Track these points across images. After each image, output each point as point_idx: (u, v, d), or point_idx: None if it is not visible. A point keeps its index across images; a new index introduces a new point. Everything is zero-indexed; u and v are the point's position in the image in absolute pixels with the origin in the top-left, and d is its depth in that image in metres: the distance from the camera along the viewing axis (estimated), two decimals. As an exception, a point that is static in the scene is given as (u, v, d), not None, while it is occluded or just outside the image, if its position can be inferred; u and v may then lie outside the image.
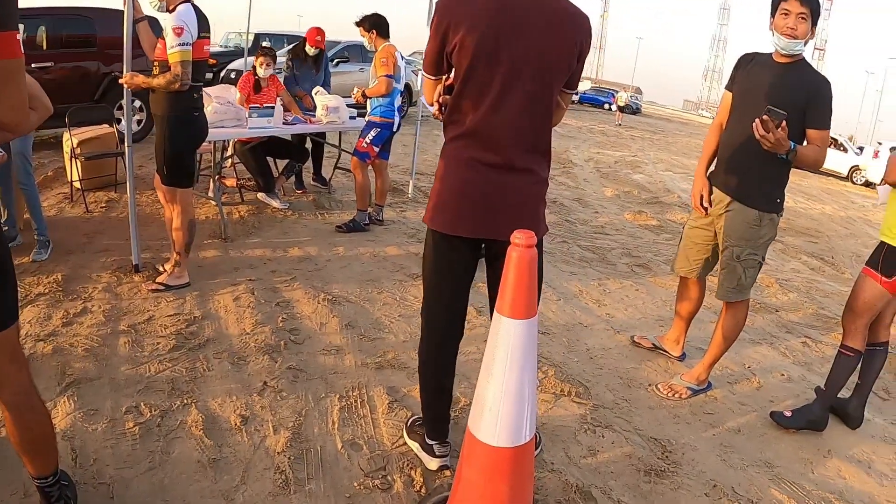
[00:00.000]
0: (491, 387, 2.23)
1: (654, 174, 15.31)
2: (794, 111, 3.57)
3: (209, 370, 3.70)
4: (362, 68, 15.70)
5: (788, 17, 3.66)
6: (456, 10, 2.55)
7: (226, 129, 6.11)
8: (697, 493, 3.30)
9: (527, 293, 2.20)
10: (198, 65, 4.42)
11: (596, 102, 52.28)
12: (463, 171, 2.69)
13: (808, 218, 13.58)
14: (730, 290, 4.05)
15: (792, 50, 3.69)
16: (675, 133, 36.49)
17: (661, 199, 11.88)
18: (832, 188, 22.75)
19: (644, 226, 9.30)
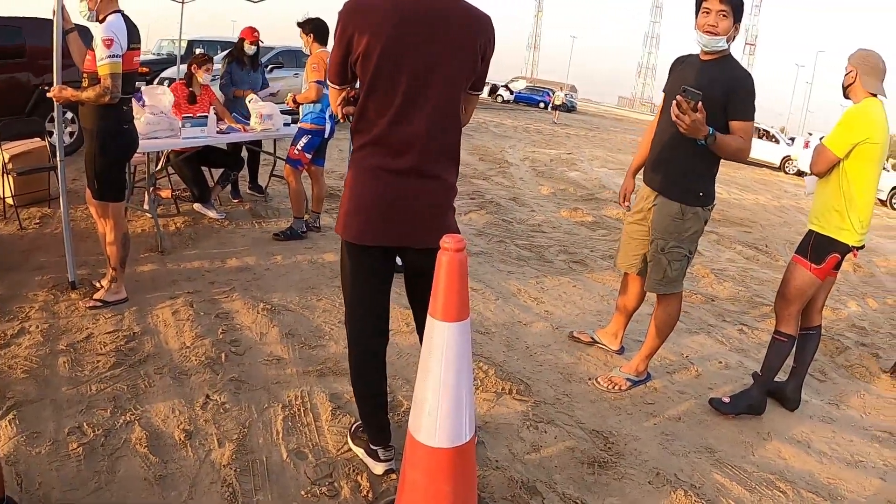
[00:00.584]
0: (428, 389, 2.29)
1: (590, 171, 15.54)
2: (716, 105, 3.70)
3: (151, 386, 3.67)
4: (296, 73, 15.64)
5: (709, 14, 3.78)
6: (359, 18, 2.58)
7: (159, 140, 6.04)
8: (641, 481, 3.40)
9: (458, 296, 2.26)
10: (128, 77, 4.35)
11: (531, 101, 52.64)
12: (371, 179, 2.71)
13: (741, 208, 13.92)
14: (657, 283, 4.16)
15: (714, 47, 3.81)
16: (611, 129, 36.99)
17: (596, 195, 12.10)
18: (765, 179, 23.34)
19: (580, 222, 9.46)
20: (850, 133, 3.97)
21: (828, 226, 4.11)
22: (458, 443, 2.32)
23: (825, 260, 4.13)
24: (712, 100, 3.68)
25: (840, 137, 4.00)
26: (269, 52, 15.61)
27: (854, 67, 4.10)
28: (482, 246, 7.32)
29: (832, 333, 6.32)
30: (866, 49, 4.17)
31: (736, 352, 5.44)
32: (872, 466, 4.02)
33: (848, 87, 4.15)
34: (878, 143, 3.96)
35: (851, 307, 7.69)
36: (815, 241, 4.17)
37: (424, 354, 2.34)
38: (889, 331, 7.00)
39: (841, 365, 5.64)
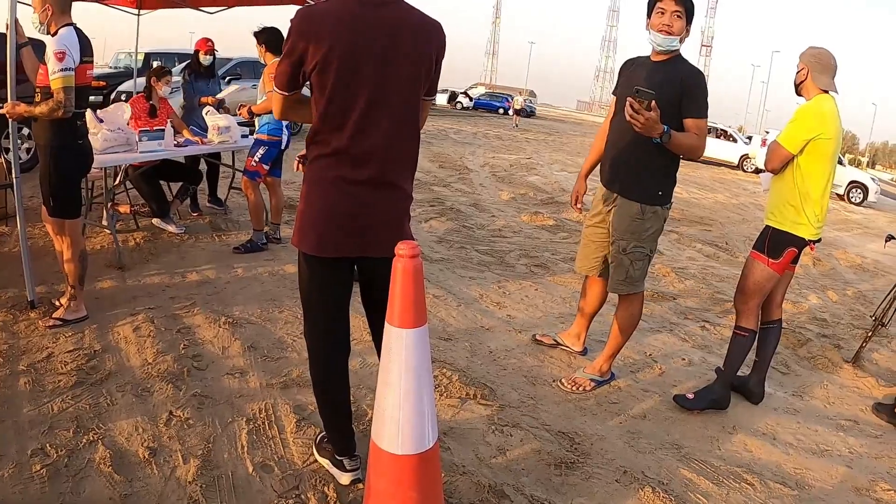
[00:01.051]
0: (389, 397, 2.29)
1: (550, 175, 15.63)
2: (670, 104, 3.75)
3: (113, 404, 3.61)
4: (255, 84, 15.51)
5: (664, 14, 3.84)
6: (313, 28, 2.56)
7: (117, 155, 5.96)
8: (609, 480, 3.42)
9: (414, 302, 2.28)
10: (81, 91, 4.28)
11: (490, 108, 52.93)
12: (329, 190, 2.70)
13: (701, 207, 14.10)
14: (620, 283, 4.19)
15: (669, 46, 3.88)
16: (570, 133, 37.28)
17: (556, 198, 12.19)
18: (724, 177, 23.69)
19: (541, 226, 9.51)
20: (803, 129, 4.04)
21: (784, 221, 4.18)
22: (422, 449, 2.32)
23: (782, 254, 4.20)
24: (666, 99, 3.72)
25: (793, 134, 4.07)
26: (227, 63, 15.50)
27: (805, 65, 4.18)
28: (443, 252, 7.32)
29: (794, 326, 6.42)
30: (817, 47, 4.25)
31: (699, 348, 5.49)
32: (838, 455, 4.09)
33: (800, 85, 4.23)
34: (830, 138, 4.04)
35: (812, 300, 7.82)
36: (772, 236, 4.23)
37: (384, 362, 2.34)
38: (850, 322, 7.13)
39: (803, 357, 5.73)
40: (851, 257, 11.41)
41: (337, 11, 2.58)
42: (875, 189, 24.06)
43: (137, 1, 9.46)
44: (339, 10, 2.58)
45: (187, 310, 4.93)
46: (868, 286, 9.40)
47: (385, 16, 2.60)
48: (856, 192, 23.49)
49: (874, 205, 24.42)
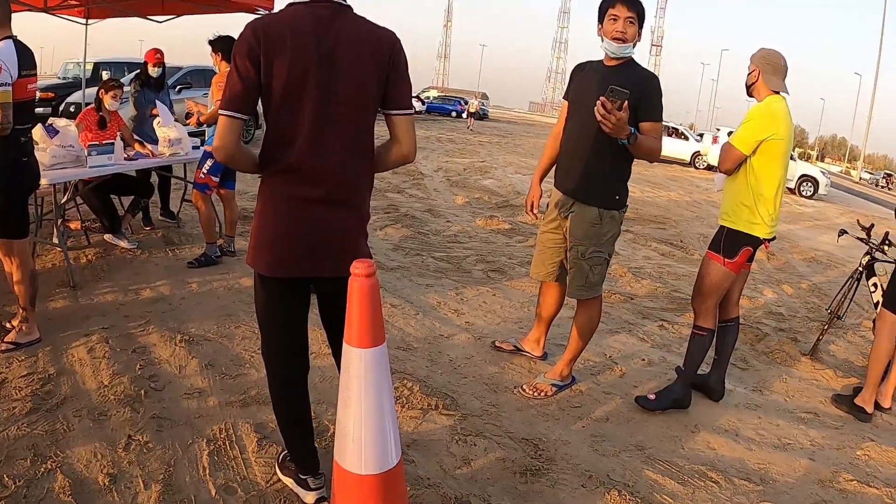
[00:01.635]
0: (350, 417, 2.27)
1: (504, 178, 15.67)
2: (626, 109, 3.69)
3: (70, 430, 3.50)
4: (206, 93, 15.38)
5: (617, 21, 3.86)
6: (261, 41, 2.48)
7: (66, 171, 5.81)
8: (574, 485, 3.42)
9: (371, 321, 2.25)
10: (23, 105, 4.12)
11: (443, 111, 52.93)
12: (283, 208, 2.63)
13: (655, 206, 14.23)
14: (579, 289, 4.20)
15: (622, 53, 3.91)
16: (523, 135, 37.46)
17: (511, 202, 12.22)
18: (677, 175, 23.98)
19: (497, 230, 9.51)
20: (755, 130, 4.10)
21: (739, 221, 4.24)
22: (386, 468, 2.30)
23: (738, 254, 4.25)
24: None
25: (746, 135, 4.12)
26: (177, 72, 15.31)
27: (756, 67, 4.24)
28: (399, 260, 7.27)
29: (751, 322, 6.50)
30: (767, 48, 4.31)
31: (658, 348, 5.54)
32: (800, 448, 4.17)
33: (751, 86, 4.29)
34: (782, 138, 4.10)
35: (768, 295, 7.93)
36: (727, 236, 4.28)
37: (343, 382, 2.32)
38: (805, 315, 7.24)
39: (762, 352, 5.82)
40: (804, 251, 11.61)
41: (285, 23, 2.52)
42: (825, 182, 24.51)
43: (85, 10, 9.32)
44: (288, 22, 2.52)
45: (142, 328, 4.82)
46: (822, 278, 9.57)
47: (333, 28, 2.54)
48: (806, 186, 23.91)
49: (825, 197, 24.90)
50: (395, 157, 2.77)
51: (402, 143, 2.73)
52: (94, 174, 6.08)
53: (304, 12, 2.55)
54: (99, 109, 6.81)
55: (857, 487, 3.82)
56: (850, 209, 23.27)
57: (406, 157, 2.75)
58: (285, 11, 2.58)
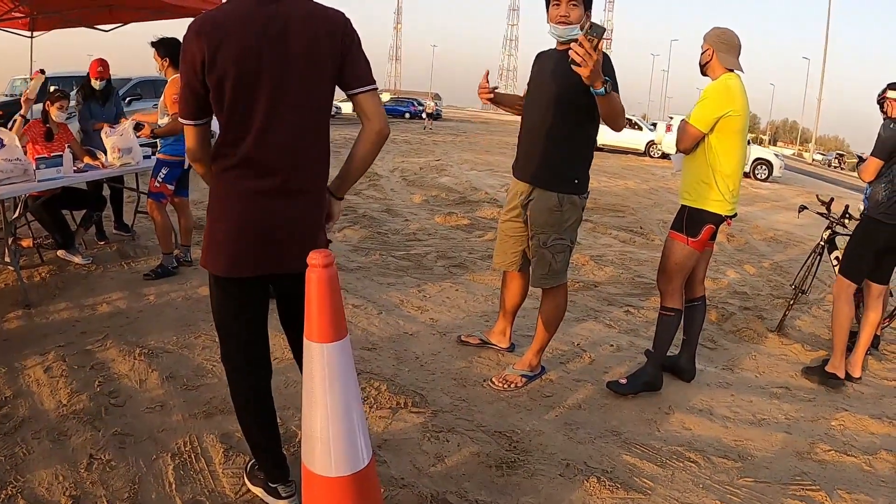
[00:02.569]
0: (316, 417, 2.18)
1: (460, 175, 15.67)
2: (577, 89, 3.69)
3: (30, 453, 3.35)
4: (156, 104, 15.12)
5: (560, 6, 3.83)
6: (205, 40, 2.38)
7: (14, 186, 5.61)
8: (552, 475, 3.38)
9: (332, 314, 2.16)
10: None
11: (396, 112, 53.32)
12: (237, 204, 2.52)
13: (612, 195, 14.34)
14: (543, 277, 4.17)
15: (568, 35, 3.84)
16: (477, 133, 37.54)
17: (468, 197, 12.23)
18: (632, 164, 24.27)
19: (455, 226, 9.50)
20: (712, 108, 4.09)
21: (699, 198, 4.23)
22: (357, 468, 2.22)
23: (700, 232, 4.25)
24: (575, 84, 3.66)
25: (703, 113, 4.12)
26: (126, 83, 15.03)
27: (710, 45, 4.23)
28: (359, 261, 7.18)
29: (716, 302, 6.54)
30: (721, 27, 4.30)
31: (625, 333, 5.55)
32: (775, 422, 4.19)
33: (705, 65, 4.28)
34: (739, 114, 4.11)
35: (731, 275, 8.00)
36: (689, 215, 4.28)
37: (306, 381, 2.22)
38: (769, 292, 7.32)
39: (729, 331, 5.87)
40: (763, 230, 11.77)
41: (227, 16, 2.42)
42: (779, 165, 24.96)
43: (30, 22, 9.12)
44: (230, 14, 2.42)
45: (100, 344, 4.68)
46: (782, 256, 9.69)
47: (279, 12, 2.42)
48: (761, 169, 24.34)
49: (779, 179, 25.30)
50: (370, 136, 2.60)
51: (373, 120, 2.58)
52: (44, 188, 5.89)
53: (246, 2, 2.43)
54: (46, 122, 6.65)
55: (835, 457, 3.84)
56: (805, 190, 23.68)
57: (380, 132, 2.59)
58: (224, 6, 2.47)
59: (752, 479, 3.53)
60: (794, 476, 3.60)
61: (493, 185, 13.91)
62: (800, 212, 6.38)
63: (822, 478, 3.62)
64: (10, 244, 5.81)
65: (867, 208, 4.97)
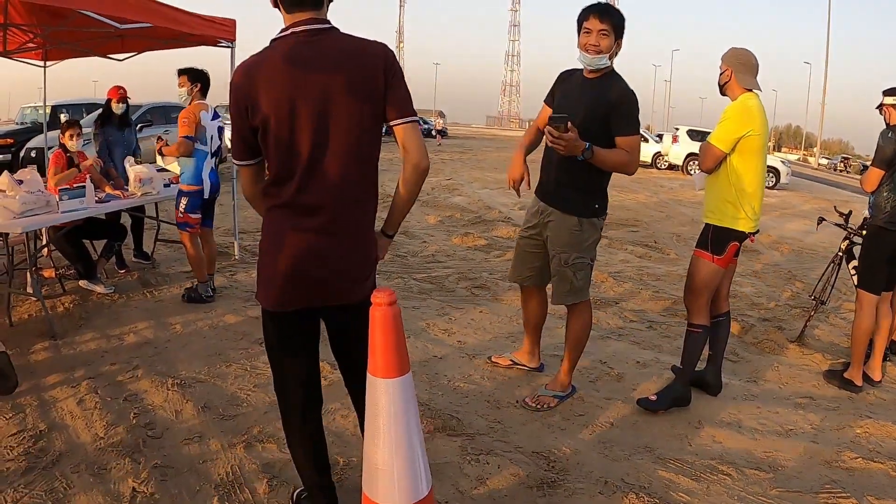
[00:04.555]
0: (380, 450, 2.23)
1: (472, 194, 15.71)
2: (597, 121, 3.86)
3: (71, 488, 3.35)
4: (167, 130, 15.22)
5: (591, 34, 3.90)
6: (248, 82, 2.46)
7: (39, 217, 5.69)
8: (592, 493, 3.43)
9: (396, 350, 2.22)
10: None
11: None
12: (286, 241, 2.56)
13: (624, 209, 14.38)
14: (565, 295, 4.23)
15: (597, 65, 3.94)
16: (484, 150, 37.60)
17: (483, 217, 12.27)
18: (640, 177, 24.24)
19: (473, 247, 9.55)
20: (733, 128, 4.16)
21: (724, 217, 4.29)
22: (419, 498, 2.27)
23: (725, 250, 4.31)
24: (596, 117, 3.85)
25: (725, 133, 4.18)
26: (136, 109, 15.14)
27: (728, 66, 4.30)
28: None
29: (735, 314, 6.54)
30: (738, 47, 4.37)
31: (650, 349, 5.59)
32: (802, 432, 4.25)
33: (724, 86, 4.35)
34: (759, 133, 4.17)
35: (746, 287, 8.05)
36: (714, 233, 4.34)
37: (370, 414, 2.28)
38: (786, 302, 7.37)
39: (750, 343, 5.93)
40: (776, 240, 11.81)
41: (268, 60, 2.48)
42: (786, 171, 24.98)
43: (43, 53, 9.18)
44: (271, 58, 2.48)
45: (131, 374, 4.71)
46: (796, 266, 9.73)
47: (319, 53, 2.47)
48: (768, 177, 24.18)
49: (787, 186, 25.30)
50: (409, 172, 2.63)
51: (411, 152, 2.59)
52: (67, 219, 5.97)
53: (287, 43, 2.48)
54: (66, 152, 6.74)
55: (862, 464, 3.90)
56: (813, 196, 23.73)
57: (418, 165, 2.59)
58: (268, 48, 2.53)
59: (783, 489, 3.59)
60: (824, 485, 3.66)
61: (507, 203, 13.94)
62: (818, 224, 6.44)
63: (851, 485, 3.68)
64: (33, 275, 5.86)
65: (872, 217, 5.07)
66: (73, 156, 6.76)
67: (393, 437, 2.22)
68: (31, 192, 5.75)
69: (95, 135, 7.63)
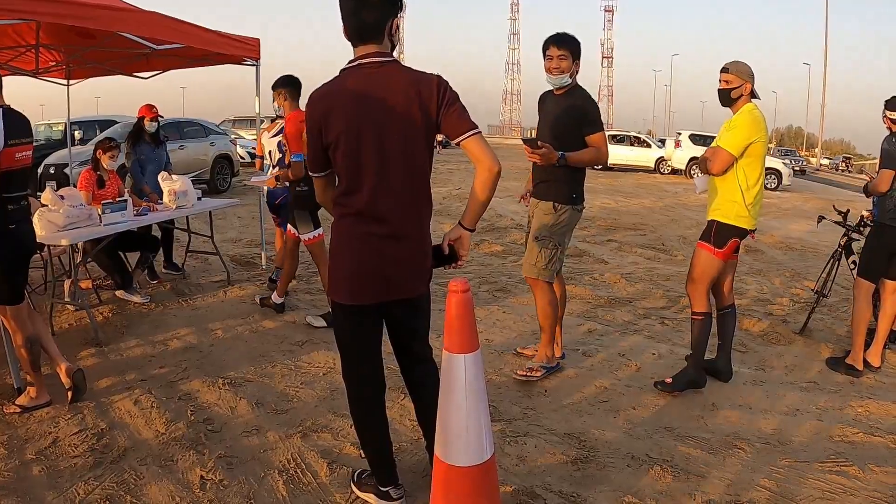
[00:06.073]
0: (453, 415, 2.61)
1: (483, 202, 15.84)
2: (572, 128, 4.70)
3: (141, 478, 3.60)
4: (182, 145, 15.61)
5: (552, 60, 4.68)
6: (320, 110, 2.90)
7: (83, 230, 5.95)
8: (621, 467, 3.80)
9: (471, 330, 2.61)
10: (10, 175, 4.08)
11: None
12: (357, 245, 2.94)
13: (631, 214, 14.66)
14: (528, 265, 4.89)
15: (560, 83, 4.74)
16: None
17: (496, 224, 12.59)
18: (644, 182, 24.54)
19: (490, 253, 9.89)
20: (744, 135, 4.56)
21: (728, 215, 4.68)
22: (485, 458, 2.65)
23: (726, 244, 4.71)
24: (568, 124, 4.70)
25: (736, 140, 4.58)
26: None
27: (746, 80, 4.64)
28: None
29: (742, 310, 6.89)
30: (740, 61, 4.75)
31: (663, 342, 5.96)
32: (808, 412, 4.62)
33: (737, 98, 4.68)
34: (763, 140, 4.62)
35: (752, 284, 8.38)
36: (717, 228, 4.73)
37: (444, 386, 2.65)
38: (790, 298, 7.68)
39: (757, 335, 6.27)
40: (779, 239, 12.07)
41: (337, 89, 2.89)
42: (788, 173, 25.18)
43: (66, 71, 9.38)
44: (339, 87, 2.89)
45: (181, 376, 4.98)
46: (799, 263, 10.02)
47: (380, 84, 2.85)
48: (770, 179, 24.34)
49: (788, 188, 25.55)
50: (483, 175, 2.90)
51: (483, 160, 2.88)
52: (110, 231, 6.16)
53: (353, 74, 2.89)
54: (96, 169, 6.97)
55: (863, 438, 4.27)
56: (815, 196, 23.94)
57: (491, 169, 2.87)
58: (337, 77, 2.94)
59: (792, 459, 3.95)
60: (829, 455, 4.02)
61: (517, 210, 14.15)
62: (819, 222, 6.78)
63: (854, 455, 4.03)
64: (74, 285, 6.10)
65: (878, 215, 5.44)
66: (102, 174, 6.98)
67: (467, 404, 2.59)
68: (74, 206, 6.02)
69: (128, 154, 7.75)
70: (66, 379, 4.53)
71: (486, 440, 2.65)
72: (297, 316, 6.44)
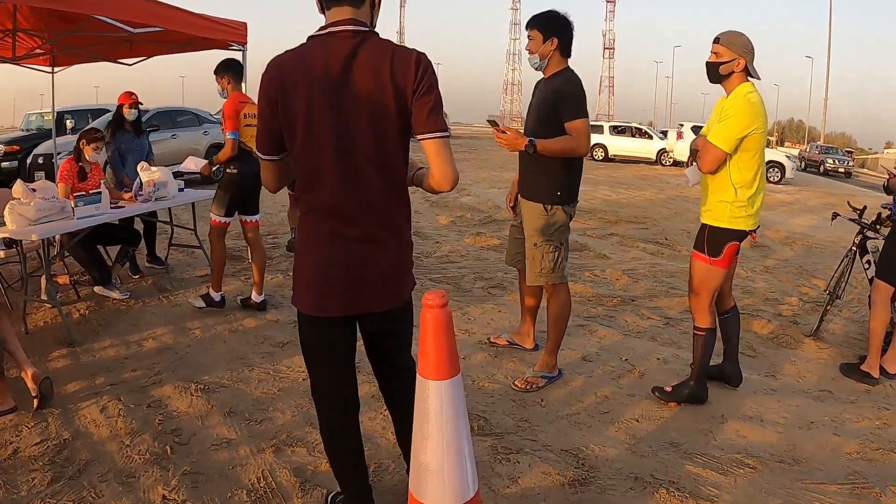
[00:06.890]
0: (429, 450, 2.24)
1: (481, 194, 15.72)
2: (549, 111, 4.37)
3: (99, 497, 3.32)
4: (174, 135, 15.32)
5: (529, 42, 4.49)
6: (279, 81, 2.45)
7: (54, 224, 5.68)
8: (623, 489, 3.45)
9: (448, 352, 2.23)
10: None
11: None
12: (324, 245, 2.53)
13: (633, 207, 14.43)
14: (536, 275, 4.54)
15: (534, 65, 4.51)
16: (488, 149, 37.61)
17: (493, 217, 12.29)
18: (646, 174, 24.41)
19: (486, 247, 9.56)
20: (738, 127, 4.00)
21: (721, 217, 4.19)
22: (467, 498, 2.29)
23: (722, 251, 4.23)
24: (549, 107, 4.36)
25: (728, 133, 4.02)
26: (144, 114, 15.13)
27: (739, 55, 4.06)
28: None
29: (750, 311, 6.60)
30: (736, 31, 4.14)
31: (669, 346, 5.62)
32: (823, 425, 4.28)
33: (729, 75, 4.12)
34: (762, 130, 4.04)
35: (759, 283, 8.07)
36: (710, 234, 4.25)
37: (419, 415, 2.29)
38: (799, 297, 7.38)
39: (766, 338, 5.95)
40: (784, 235, 11.83)
41: (300, 59, 2.46)
42: (791, 167, 24.96)
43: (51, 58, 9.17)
44: (303, 58, 2.46)
45: (153, 381, 4.69)
46: (805, 260, 9.76)
47: (350, 57, 2.43)
48: (773, 172, 24.14)
49: (792, 181, 25.26)
50: (433, 184, 2.57)
51: (432, 170, 2.54)
52: (84, 225, 5.90)
53: (320, 44, 2.46)
54: (78, 160, 6.67)
55: (883, 455, 3.94)
56: (820, 190, 23.75)
57: (440, 185, 2.54)
58: (302, 46, 2.51)
59: (809, 480, 3.62)
60: (848, 476, 3.69)
61: (516, 202, 13.97)
62: (833, 219, 6.43)
63: (874, 475, 3.70)
64: (49, 281, 5.84)
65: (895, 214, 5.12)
66: (84, 166, 6.70)
67: (443, 438, 2.23)
68: (46, 199, 5.74)
69: (108, 143, 7.40)
70: (32, 385, 4.28)
71: (468, 477, 2.29)
72: (280, 314, 6.14)
